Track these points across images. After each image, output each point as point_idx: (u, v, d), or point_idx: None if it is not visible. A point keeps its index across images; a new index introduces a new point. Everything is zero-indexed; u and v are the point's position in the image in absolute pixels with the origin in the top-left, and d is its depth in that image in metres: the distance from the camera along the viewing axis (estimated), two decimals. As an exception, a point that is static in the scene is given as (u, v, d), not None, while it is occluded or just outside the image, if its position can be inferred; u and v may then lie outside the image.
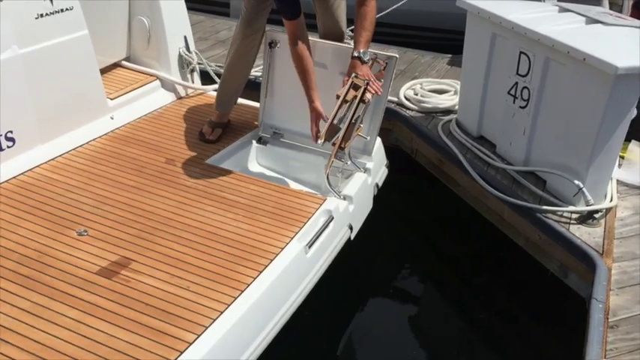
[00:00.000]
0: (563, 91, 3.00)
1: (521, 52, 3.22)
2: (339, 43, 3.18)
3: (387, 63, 2.99)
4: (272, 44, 3.20)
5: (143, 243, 2.40)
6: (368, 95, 2.76)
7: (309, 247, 2.53)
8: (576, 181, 2.96)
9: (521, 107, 3.30)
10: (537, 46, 3.08)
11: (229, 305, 2.12)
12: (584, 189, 2.95)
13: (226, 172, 2.98)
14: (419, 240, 3.94)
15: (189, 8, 6.19)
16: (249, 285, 2.22)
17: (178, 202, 2.69)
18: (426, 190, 4.10)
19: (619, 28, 3.04)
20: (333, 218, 2.72)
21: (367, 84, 2.74)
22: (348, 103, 2.74)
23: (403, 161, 4.13)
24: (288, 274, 2.38)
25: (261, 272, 2.30)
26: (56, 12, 2.94)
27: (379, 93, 2.83)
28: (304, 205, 2.75)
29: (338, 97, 2.74)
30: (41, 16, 2.86)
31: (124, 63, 3.82)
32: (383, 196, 3.40)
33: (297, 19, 2.79)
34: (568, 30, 3.03)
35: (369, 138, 3.15)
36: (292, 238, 2.51)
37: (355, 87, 2.76)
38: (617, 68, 2.61)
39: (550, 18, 3.22)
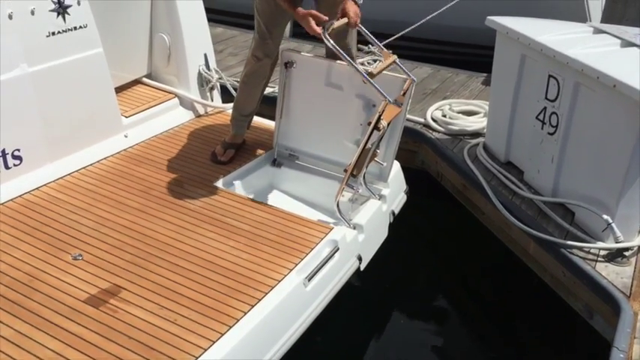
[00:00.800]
0: (592, 119, 2.80)
1: (550, 76, 3.03)
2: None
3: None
4: (288, 64, 3.11)
5: (136, 270, 2.33)
6: (383, 122, 2.64)
7: (309, 279, 2.41)
8: (605, 216, 2.75)
9: (549, 134, 3.10)
10: (567, 70, 2.89)
11: (215, 342, 2.02)
12: (613, 224, 2.73)
13: (233, 196, 2.89)
14: (441, 268, 3.77)
15: (225, 22, 6.29)
16: (238, 320, 2.12)
17: (180, 227, 2.62)
18: (451, 216, 3.91)
19: (656, 52, 2.82)
20: (338, 249, 2.59)
21: (379, 117, 2.60)
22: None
23: (429, 184, 3.98)
24: (283, 309, 2.26)
25: (253, 306, 2.19)
26: (69, 30, 2.93)
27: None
28: (309, 235, 2.63)
29: (369, 124, 2.61)
30: (53, 34, 2.85)
31: (145, 80, 3.80)
32: (406, 220, 3.28)
33: None
34: (600, 53, 2.84)
35: (385, 164, 3.02)
36: (292, 270, 2.40)
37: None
38: (649, 96, 2.41)
39: (582, 40, 3.02)
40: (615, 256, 2.75)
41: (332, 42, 2.67)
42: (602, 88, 2.66)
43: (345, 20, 2.81)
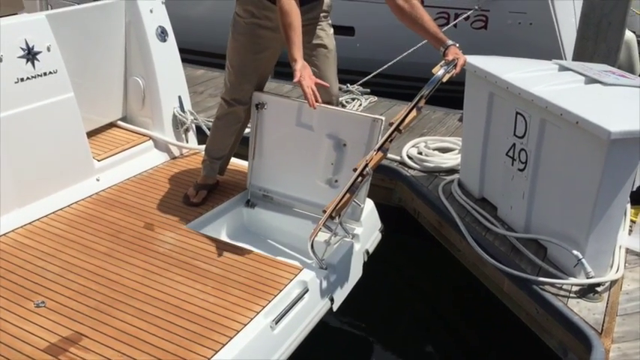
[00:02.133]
0: (559, 155, 2.82)
1: (517, 113, 3.06)
2: (328, 106, 3.07)
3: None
4: (259, 106, 3.14)
5: (100, 316, 2.30)
6: (369, 169, 2.65)
7: (277, 322, 2.38)
8: (575, 252, 2.74)
9: (519, 170, 3.12)
10: (532, 107, 2.93)
11: (174, 391, 1.98)
12: (583, 260, 2.72)
13: (204, 238, 2.87)
14: (418, 305, 3.74)
15: (205, 64, 6.35)
16: (200, 367, 2.08)
17: (147, 271, 2.59)
18: (428, 253, 3.90)
19: (618, 88, 2.86)
20: (307, 290, 2.57)
21: (366, 165, 2.61)
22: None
23: (406, 222, 3.98)
24: (249, 353, 2.22)
25: (217, 351, 2.15)
26: (39, 75, 2.95)
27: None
28: (279, 276, 2.61)
29: (355, 170, 2.62)
30: (21, 80, 2.86)
31: (120, 123, 3.81)
32: (383, 257, 3.26)
33: None
34: (564, 90, 2.87)
35: (362, 205, 3.02)
36: (259, 313, 2.37)
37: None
38: (610, 133, 2.43)
39: (548, 77, 3.07)
40: (587, 291, 2.74)
41: None
42: (566, 124, 2.68)
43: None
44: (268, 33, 2.92)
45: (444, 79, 2.69)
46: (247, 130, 3.69)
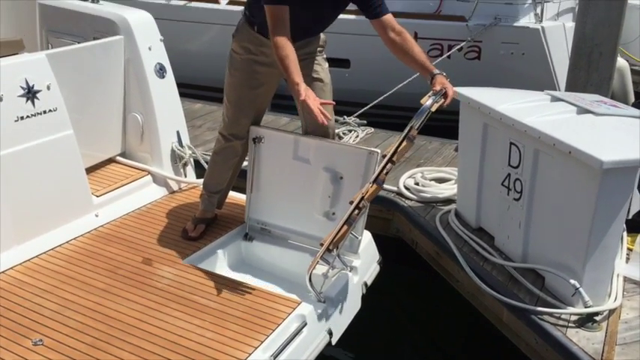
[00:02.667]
0: (553, 185, 2.85)
1: (511, 143, 3.10)
2: (324, 139, 3.11)
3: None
4: (256, 140, 3.18)
5: (97, 354, 2.29)
6: (365, 202, 2.67)
7: (276, 357, 2.37)
8: (572, 281, 2.75)
9: (515, 199, 3.14)
10: (526, 138, 2.96)
11: None
12: (581, 289, 2.73)
13: (202, 273, 2.88)
14: (417, 336, 3.73)
15: (204, 98, 6.43)
16: (198, 405, 2.07)
17: (145, 307, 2.59)
18: (427, 284, 3.90)
19: (609, 118, 2.91)
20: (306, 324, 2.57)
21: (362, 198, 2.63)
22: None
23: (404, 252, 3.98)
24: (247, 389, 2.22)
25: (215, 389, 2.15)
26: (39, 114, 2.98)
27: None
28: (277, 310, 2.61)
29: (351, 202, 2.64)
30: (21, 118, 2.90)
31: (119, 158, 3.84)
32: (382, 288, 3.25)
33: (280, 5, 2.62)
34: (557, 121, 2.91)
35: (360, 237, 3.03)
36: (257, 348, 2.37)
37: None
38: (603, 162, 2.47)
39: (540, 108, 3.11)
40: (586, 321, 2.73)
41: None
42: (559, 154, 2.72)
43: None
44: (265, 68, 2.97)
45: (433, 109, 2.72)
46: (245, 164, 3.75)
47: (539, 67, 6.15)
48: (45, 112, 3.01)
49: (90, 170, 3.51)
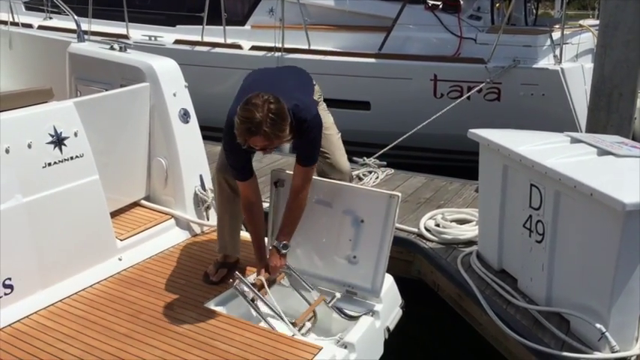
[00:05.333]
0: (576, 227, 2.83)
1: (532, 185, 3.10)
2: (344, 183, 3.14)
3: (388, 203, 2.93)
4: (277, 183, 3.22)
5: (119, 399, 2.30)
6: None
7: (297, 404, 2.35)
8: (598, 325, 2.70)
9: (537, 241, 3.12)
10: (546, 179, 2.96)
11: None
12: (607, 333, 2.68)
13: (223, 318, 2.88)
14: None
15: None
16: None
17: (166, 352, 2.60)
18: (449, 327, 3.85)
19: (631, 159, 2.89)
20: (327, 370, 2.55)
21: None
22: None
23: (426, 295, 3.95)
24: None
25: None
26: (65, 160, 3.06)
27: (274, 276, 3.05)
28: (298, 356, 2.59)
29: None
30: (49, 164, 2.98)
31: (143, 202, 3.90)
32: (405, 332, 3.22)
33: (248, 182, 2.92)
34: (577, 162, 2.91)
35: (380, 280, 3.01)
36: (278, 395, 2.35)
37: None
38: (625, 204, 2.45)
39: (560, 150, 3.11)
40: (613, 366, 2.68)
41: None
42: (581, 196, 2.70)
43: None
44: None
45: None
46: (266, 206, 3.77)
47: (559, 108, 6.16)
48: (72, 158, 3.09)
49: (114, 214, 3.57)
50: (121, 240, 3.43)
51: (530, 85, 6.24)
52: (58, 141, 3.03)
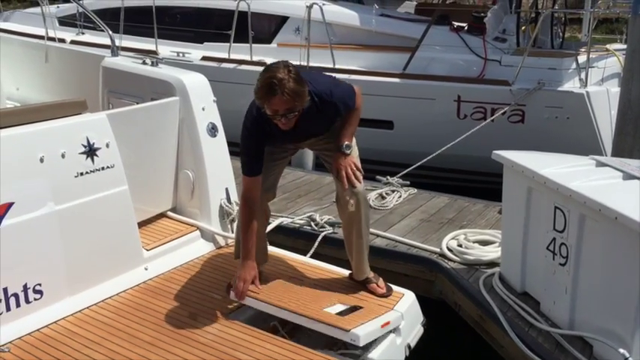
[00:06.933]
0: (600, 250, 2.82)
1: (556, 207, 3.10)
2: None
3: None
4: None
5: (142, 406, 2.34)
6: None
7: (318, 418, 2.37)
8: (621, 350, 2.68)
9: (560, 264, 3.11)
10: (571, 202, 2.96)
11: None
12: (630, 358, 2.65)
13: (245, 330, 2.91)
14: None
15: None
16: None
17: (189, 362, 2.64)
18: (470, 348, 3.83)
19: (657, 184, 2.88)
20: (348, 385, 2.57)
21: None
22: None
23: (447, 315, 3.94)
24: None
25: None
26: (97, 170, 3.14)
27: (360, 181, 2.98)
28: (318, 369, 2.62)
29: None
30: (81, 174, 3.06)
31: (169, 213, 3.96)
32: (425, 352, 3.23)
33: (254, 178, 2.94)
34: (602, 186, 2.91)
35: None
36: (299, 408, 2.37)
37: None
38: (650, 229, 2.44)
39: (585, 173, 3.11)
40: (637, 392, 2.65)
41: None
42: (606, 220, 2.70)
43: None
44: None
45: None
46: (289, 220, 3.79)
47: (584, 132, 6.14)
48: (103, 168, 3.17)
49: (141, 224, 3.63)
50: (148, 250, 3.49)
51: (555, 108, 6.23)
52: (91, 151, 3.11)
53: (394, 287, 3.29)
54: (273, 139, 2.95)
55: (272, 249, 3.58)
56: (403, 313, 3.10)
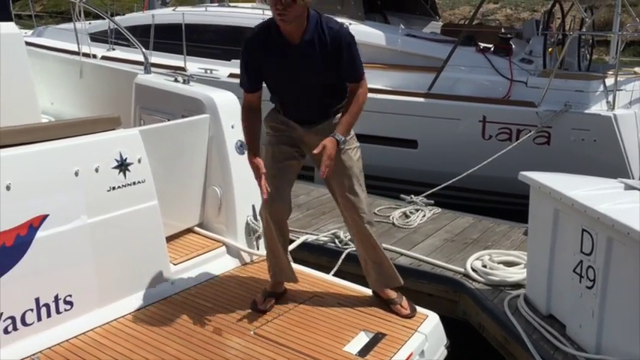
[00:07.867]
0: (628, 274, 2.80)
1: (583, 230, 3.09)
2: None
3: None
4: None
5: (169, 419, 2.37)
6: None
7: None
8: (650, 376, 2.65)
9: (587, 287, 3.09)
10: (599, 225, 2.95)
11: None
12: (659, 386, 2.62)
13: (269, 346, 2.94)
14: None
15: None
16: None
17: (215, 376, 2.67)
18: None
19: (687, 208, 2.86)
20: (371, 406, 2.57)
21: None
22: None
23: (471, 336, 3.92)
24: None
25: None
26: (129, 184, 3.21)
27: (329, 170, 2.92)
28: (343, 387, 2.63)
29: None
30: (113, 188, 3.13)
31: (196, 229, 4.02)
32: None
33: (253, 94, 3.07)
34: (631, 209, 2.89)
35: None
36: None
37: None
38: (680, 254, 2.43)
39: (613, 195, 3.10)
40: (666, 420, 2.61)
41: None
42: (634, 243, 2.69)
43: None
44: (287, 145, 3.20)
45: None
46: (313, 237, 3.79)
47: (611, 155, 6.08)
48: (135, 183, 3.24)
49: (169, 239, 3.69)
50: (175, 264, 3.54)
51: (582, 131, 6.19)
52: (123, 166, 3.18)
53: (418, 308, 3.30)
54: (270, 57, 2.99)
55: (296, 267, 3.60)
56: (427, 335, 3.10)
